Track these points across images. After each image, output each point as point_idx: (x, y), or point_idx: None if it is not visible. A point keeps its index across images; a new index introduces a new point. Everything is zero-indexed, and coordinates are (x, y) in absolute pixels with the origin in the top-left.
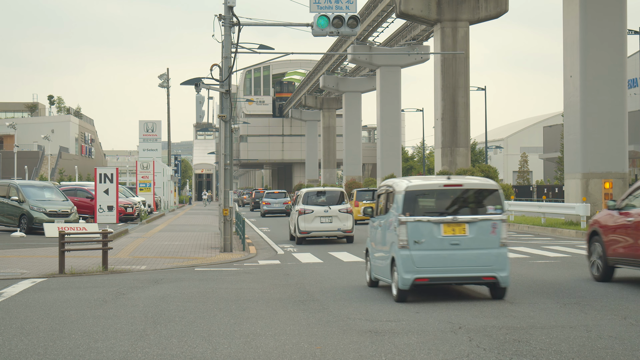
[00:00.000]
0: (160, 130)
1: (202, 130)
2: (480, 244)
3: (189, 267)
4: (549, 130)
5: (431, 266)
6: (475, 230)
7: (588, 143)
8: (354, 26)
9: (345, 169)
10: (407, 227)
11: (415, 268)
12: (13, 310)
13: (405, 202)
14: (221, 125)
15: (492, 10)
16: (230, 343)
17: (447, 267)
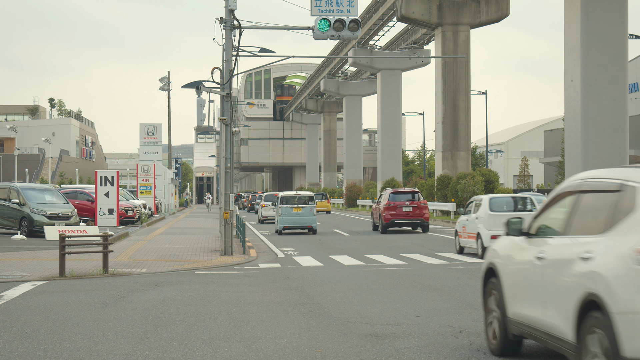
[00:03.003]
0: (161, 133)
1: (202, 133)
2: (307, 215)
3: (189, 270)
4: (549, 134)
5: (288, 224)
6: (304, 210)
7: (589, 147)
8: (355, 30)
9: (346, 172)
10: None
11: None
12: (13, 313)
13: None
14: (222, 129)
15: (493, 14)
16: (231, 346)
17: (296, 224)
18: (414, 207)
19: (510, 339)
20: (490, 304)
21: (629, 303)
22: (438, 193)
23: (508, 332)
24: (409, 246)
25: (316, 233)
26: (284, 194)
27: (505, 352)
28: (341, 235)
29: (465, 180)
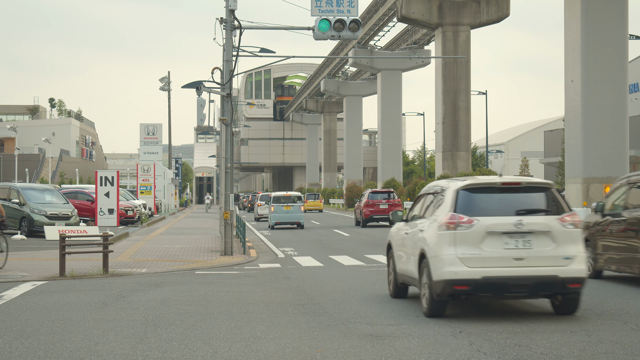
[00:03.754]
0: (161, 133)
1: (203, 133)
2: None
3: (189, 270)
4: (549, 134)
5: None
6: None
7: (589, 148)
8: (355, 30)
9: (346, 172)
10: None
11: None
12: (13, 313)
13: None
14: (222, 129)
15: (493, 15)
16: (231, 346)
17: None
18: (389, 204)
19: (399, 286)
20: (390, 266)
21: (436, 252)
22: None
23: (398, 282)
24: None
25: (303, 228)
26: (276, 194)
27: (397, 295)
28: (341, 235)
29: None
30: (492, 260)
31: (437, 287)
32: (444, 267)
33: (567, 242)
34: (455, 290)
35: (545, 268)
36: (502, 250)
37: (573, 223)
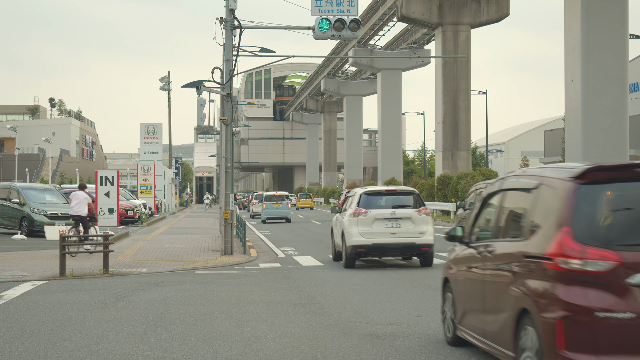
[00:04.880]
0: (161, 133)
1: (203, 133)
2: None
3: (189, 270)
4: (550, 134)
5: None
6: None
7: (589, 147)
8: (355, 29)
9: (346, 172)
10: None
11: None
12: (14, 312)
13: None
14: (222, 128)
15: (493, 14)
16: (231, 346)
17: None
18: None
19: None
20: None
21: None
22: (438, 193)
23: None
24: None
25: (290, 222)
26: (267, 194)
27: (336, 258)
28: None
29: (466, 180)
30: (378, 234)
31: (349, 249)
32: (352, 238)
33: (421, 223)
34: (358, 252)
35: (408, 239)
36: (384, 228)
37: (425, 212)
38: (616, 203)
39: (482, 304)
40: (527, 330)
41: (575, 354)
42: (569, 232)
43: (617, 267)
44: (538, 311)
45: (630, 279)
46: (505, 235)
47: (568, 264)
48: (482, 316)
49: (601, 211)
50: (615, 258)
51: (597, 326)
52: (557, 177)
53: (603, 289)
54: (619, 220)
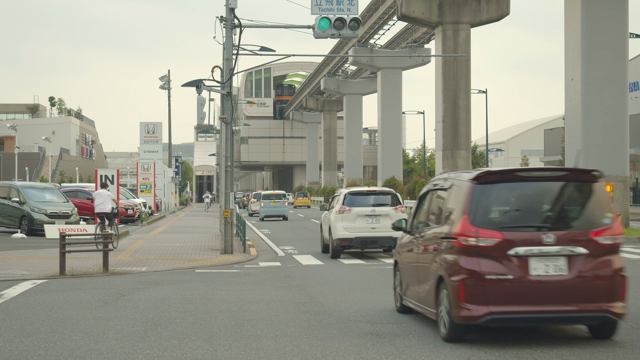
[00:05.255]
0: (161, 132)
1: (203, 132)
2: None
3: (189, 268)
4: (549, 133)
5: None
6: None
7: (589, 146)
8: (355, 28)
9: (346, 171)
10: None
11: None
12: (14, 311)
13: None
14: (222, 127)
15: (493, 13)
16: (231, 345)
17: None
18: None
19: (325, 245)
20: (320, 234)
21: (334, 225)
22: None
23: (324, 243)
24: None
25: (287, 219)
26: (265, 193)
27: (325, 250)
28: None
29: None
30: (360, 229)
31: (335, 242)
32: (337, 232)
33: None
34: (343, 244)
35: (386, 233)
36: (365, 224)
37: (401, 210)
38: (500, 197)
39: (417, 277)
40: (442, 292)
41: (472, 305)
42: (467, 218)
43: (500, 243)
44: (448, 276)
45: (509, 251)
46: (432, 224)
47: (467, 241)
48: (417, 287)
49: (490, 203)
50: (499, 236)
51: (486, 285)
52: (461, 179)
53: (491, 258)
54: (500, 208)
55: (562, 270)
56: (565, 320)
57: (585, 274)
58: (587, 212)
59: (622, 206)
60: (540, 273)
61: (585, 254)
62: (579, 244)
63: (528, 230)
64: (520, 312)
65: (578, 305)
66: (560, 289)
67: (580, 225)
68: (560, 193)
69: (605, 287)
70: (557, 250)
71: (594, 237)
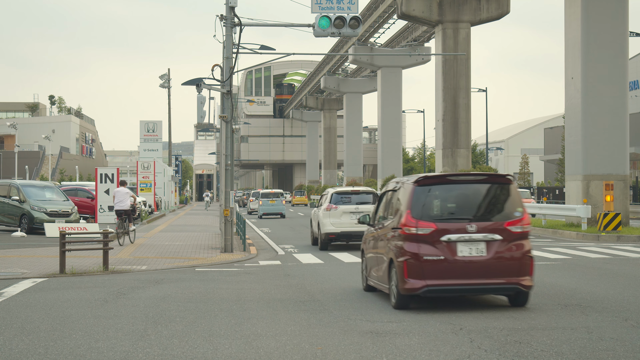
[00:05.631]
0: (161, 130)
1: (203, 130)
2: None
3: (189, 267)
4: (549, 131)
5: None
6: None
7: (589, 145)
8: (355, 27)
9: (346, 169)
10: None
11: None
12: (14, 310)
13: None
14: (222, 126)
15: (493, 12)
16: (231, 343)
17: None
18: None
19: (314, 238)
20: (310, 229)
21: (322, 221)
22: None
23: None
24: None
25: (285, 217)
26: (263, 191)
27: (314, 243)
28: None
29: None
30: (345, 224)
31: (322, 236)
32: (325, 227)
33: None
34: (330, 237)
35: None
36: (349, 220)
37: None
38: (434, 196)
39: (376, 261)
40: (392, 270)
41: (413, 279)
42: (410, 212)
43: (435, 231)
44: (395, 258)
45: (442, 238)
46: (387, 217)
47: (409, 230)
48: (376, 268)
49: (427, 200)
50: (434, 226)
51: (424, 264)
52: (407, 182)
53: (427, 243)
54: (435, 205)
55: (482, 252)
56: (485, 291)
57: (500, 255)
58: (502, 207)
59: (622, 205)
60: (465, 254)
61: (500, 240)
62: (495, 232)
63: (456, 222)
64: (449, 285)
65: (495, 279)
66: (480, 266)
67: (496, 218)
68: (481, 193)
69: (516, 265)
70: (478, 237)
71: (507, 226)
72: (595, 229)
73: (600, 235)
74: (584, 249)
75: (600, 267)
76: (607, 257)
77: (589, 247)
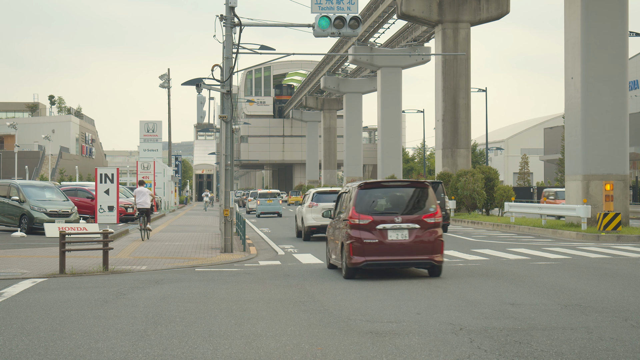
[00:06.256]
0: (161, 130)
1: (202, 130)
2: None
3: (189, 267)
4: (549, 131)
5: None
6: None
7: (589, 145)
8: (355, 27)
9: (346, 169)
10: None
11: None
12: (14, 310)
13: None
14: (222, 126)
15: (493, 12)
16: (231, 344)
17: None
18: None
19: (299, 231)
20: (295, 223)
21: (305, 216)
22: None
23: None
24: None
25: (281, 216)
26: (261, 192)
27: (298, 235)
28: None
29: (465, 178)
30: (324, 219)
31: (306, 228)
32: (308, 221)
33: None
34: (311, 230)
35: None
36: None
37: None
38: (372, 197)
39: (334, 245)
40: (343, 251)
41: (356, 256)
42: (355, 208)
43: (371, 222)
44: (345, 241)
45: (377, 227)
46: (342, 212)
47: (354, 221)
48: (334, 250)
49: (367, 199)
50: (371, 219)
51: (364, 245)
52: (353, 186)
53: (367, 230)
54: (373, 203)
55: (405, 237)
56: (408, 265)
57: (419, 239)
58: (421, 204)
59: (621, 204)
60: (394, 238)
61: (418, 228)
62: (415, 222)
63: (387, 215)
64: (382, 260)
65: (415, 256)
66: (404, 247)
67: (416, 212)
68: (406, 194)
69: (430, 246)
70: (402, 226)
71: (424, 218)
72: (595, 229)
73: (600, 235)
74: (583, 249)
75: (600, 267)
76: (607, 257)
77: (589, 247)
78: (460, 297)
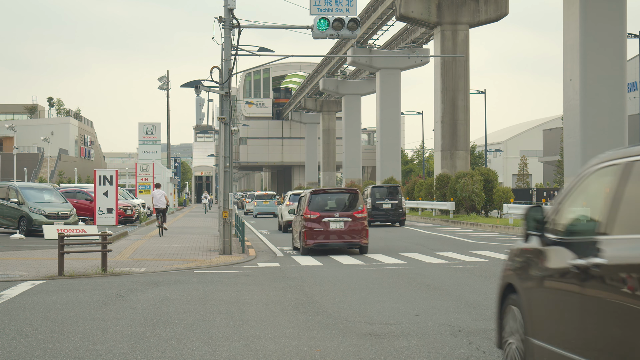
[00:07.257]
0: (160, 132)
1: (201, 132)
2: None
3: (188, 269)
4: (548, 133)
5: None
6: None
7: (588, 146)
8: (354, 29)
9: (345, 171)
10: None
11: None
12: (12, 312)
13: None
14: (221, 128)
15: (492, 14)
16: (230, 346)
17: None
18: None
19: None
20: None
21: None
22: (437, 192)
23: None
24: (408, 245)
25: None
26: (258, 193)
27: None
28: None
29: (464, 180)
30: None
31: (283, 223)
32: (285, 217)
33: None
34: (288, 224)
35: None
36: None
37: None
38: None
39: (298, 233)
40: (301, 236)
41: (309, 240)
42: (308, 207)
43: (318, 216)
44: (301, 230)
45: (323, 220)
46: (301, 209)
47: (307, 216)
48: (296, 236)
49: (316, 201)
50: (318, 214)
51: (313, 232)
52: (308, 192)
53: (315, 222)
54: (320, 203)
55: (342, 226)
56: (344, 246)
57: (351, 228)
58: (352, 205)
59: None
60: (334, 227)
61: (351, 220)
62: (348, 217)
63: (329, 212)
64: (326, 242)
65: (349, 239)
66: (341, 233)
67: (349, 210)
68: (343, 197)
69: (358, 233)
70: (340, 219)
71: (354, 214)
72: None
73: None
74: None
75: None
76: None
77: None
78: (459, 299)
